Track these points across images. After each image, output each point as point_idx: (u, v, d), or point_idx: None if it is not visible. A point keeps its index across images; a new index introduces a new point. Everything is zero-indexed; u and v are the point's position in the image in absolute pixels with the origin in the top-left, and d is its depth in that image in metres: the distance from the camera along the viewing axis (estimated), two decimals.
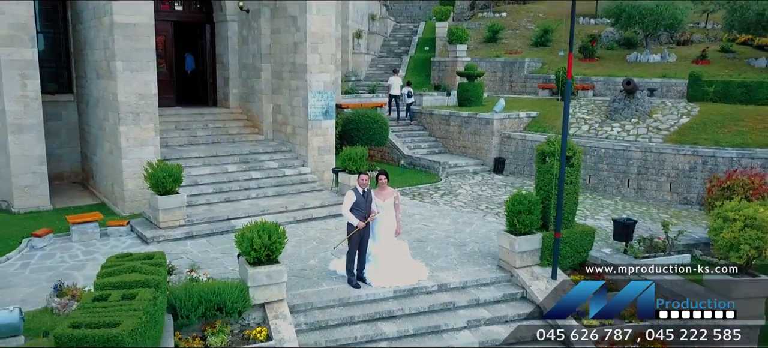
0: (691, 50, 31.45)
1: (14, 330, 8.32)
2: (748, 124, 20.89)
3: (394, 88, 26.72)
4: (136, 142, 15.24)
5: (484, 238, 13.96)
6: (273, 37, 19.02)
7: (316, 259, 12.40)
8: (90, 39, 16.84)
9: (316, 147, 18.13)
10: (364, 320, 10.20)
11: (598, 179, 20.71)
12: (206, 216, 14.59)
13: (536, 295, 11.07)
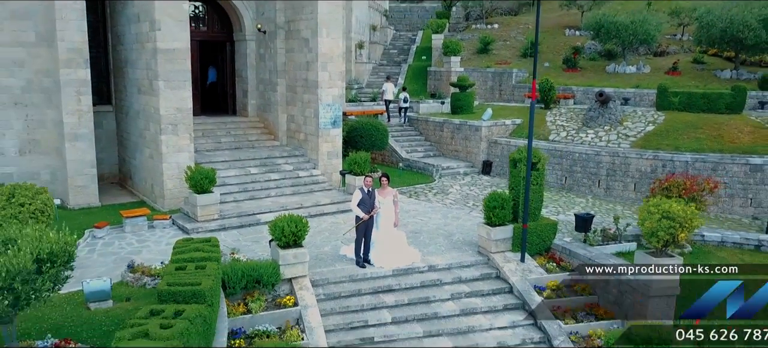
0: (665, 61, 34.00)
1: (105, 295, 10.93)
2: (705, 131, 23.52)
3: (387, 94, 29.49)
4: (174, 148, 17.84)
5: (468, 230, 16.53)
6: (287, 56, 21.61)
7: (329, 246, 14.98)
8: (132, 60, 19.43)
9: (325, 152, 20.73)
10: (369, 292, 12.79)
11: (573, 180, 23.31)
12: (235, 211, 17.20)
13: (508, 274, 13.64)
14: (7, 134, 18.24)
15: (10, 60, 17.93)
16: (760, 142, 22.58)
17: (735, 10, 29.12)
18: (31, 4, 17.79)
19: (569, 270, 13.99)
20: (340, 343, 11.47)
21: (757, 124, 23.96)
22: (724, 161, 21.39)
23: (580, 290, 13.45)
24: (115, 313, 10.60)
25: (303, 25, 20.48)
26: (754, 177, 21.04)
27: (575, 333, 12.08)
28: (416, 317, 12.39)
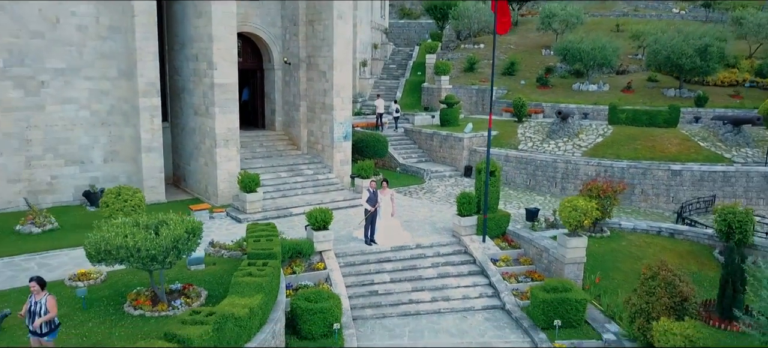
0: (624, 79, 39.34)
1: (200, 261, 16.21)
2: (642, 142, 28.86)
3: (379, 108, 34.95)
4: (225, 158, 23.15)
5: (447, 220, 21.77)
6: (308, 84, 26.93)
7: (344, 231, 20.24)
8: (188, 88, 24.73)
9: (338, 160, 26.04)
10: (374, 261, 18.09)
11: (535, 181, 28.65)
12: (272, 206, 22.51)
13: (472, 251, 18.92)
14: (95, 147, 23.55)
15: (99, 90, 23.23)
16: (684, 152, 27.97)
17: (676, 40, 34.42)
18: (116, 47, 23.09)
19: (517, 248, 19.33)
20: (356, 294, 16.78)
21: (685, 136, 29.34)
22: (652, 167, 26.76)
23: (523, 261, 18.76)
24: (208, 272, 15.87)
25: (321, 60, 25.79)
26: (675, 180, 26.42)
27: (516, 289, 17.35)
28: (407, 278, 17.69)
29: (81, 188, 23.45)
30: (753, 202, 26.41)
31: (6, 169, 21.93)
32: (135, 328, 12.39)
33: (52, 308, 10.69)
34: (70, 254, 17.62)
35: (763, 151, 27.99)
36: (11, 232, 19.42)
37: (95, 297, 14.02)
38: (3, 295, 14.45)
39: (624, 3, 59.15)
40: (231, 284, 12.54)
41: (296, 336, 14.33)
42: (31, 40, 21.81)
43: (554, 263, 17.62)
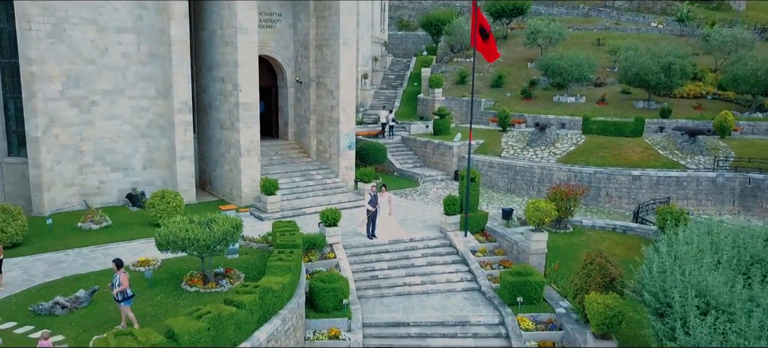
0: (601, 91, 43.04)
1: (235, 251, 19.93)
2: (609, 151, 32.60)
3: (382, 119, 38.70)
4: (248, 166, 26.90)
5: (437, 218, 25.48)
6: (317, 100, 30.67)
7: (350, 227, 23.94)
8: (215, 105, 28.48)
9: (344, 166, 29.77)
10: (375, 252, 21.84)
11: (515, 185, 32.40)
12: (289, 206, 26.26)
13: (456, 243, 22.64)
14: (136, 156, 27.30)
15: (139, 107, 26.97)
16: (645, 159, 31.74)
17: (644, 59, 38.16)
18: (155, 71, 26.84)
19: (493, 241, 23.08)
20: (360, 277, 20.53)
21: (647, 145, 33.10)
22: (616, 173, 30.54)
23: (498, 252, 22.52)
24: (242, 260, 19.57)
25: (329, 80, 29.55)
26: (635, 184, 30.18)
27: (491, 275, 21.07)
28: (401, 266, 21.44)
29: (124, 191, 27.22)
30: (702, 204, 30.22)
31: (63, 176, 25.67)
32: (194, 300, 16.13)
33: (124, 282, 14.42)
34: (127, 246, 21.34)
35: (713, 158, 31.72)
36: (74, 228, 23.17)
37: (156, 278, 17.73)
38: (83, 277, 18.18)
39: (607, 18, 62.84)
40: (267, 267, 16.32)
41: (313, 309, 18.09)
42: (85, 67, 25.56)
43: (522, 254, 21.37)
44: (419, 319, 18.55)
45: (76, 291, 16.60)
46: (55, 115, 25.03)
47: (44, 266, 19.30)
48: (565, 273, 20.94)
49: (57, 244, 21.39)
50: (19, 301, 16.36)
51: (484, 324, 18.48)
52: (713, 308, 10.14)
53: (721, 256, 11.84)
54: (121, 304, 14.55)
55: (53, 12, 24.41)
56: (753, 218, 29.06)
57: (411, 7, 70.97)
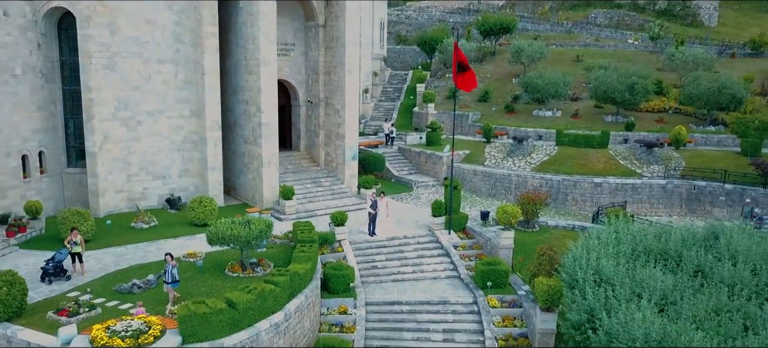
0: (576, 106, 47.69)
1: (263, 246, 24.63)
2: (577, 161, 37.31)
3: (386, 130, 43.37)
4: (268, 175, 31.60)
5: (426, 219, 30.13)
6: (325, 117, 35.38)
7: (354, 227, 28.58)
8: (240, 123, 33.18)
9: (348, 174, 34.47)
10: (375, 247, 26.57)
11: (496, 190, 37.10)
12: (303, 209, 30.97)
13: (441, 240, 27.35)
14: (173, 166, 31.97)
15: (176, 126, 31.64)
16: (607, 168, 36.45)
17: (611, 79, 42.86)
18: (189, 95, 31.52)
19: (472, 238, 27.79)
20: (363, 267, 25.22)
21: (610, 156, 37.83)
22: (580, 180, 35.27)
23: (475, 247, 27.23)
24: (269, 252, 24.20)
25: (336, 101, 34.26)
26: (597, 190, 34.91)
27: (468, 265, 25.74)
28: (396, 258, 26.14)
29: (163, 196, 31.91)
30: (654, 207, 34.94)
31: (114, 183, 30.36)
32: (236, 282, 20.81)
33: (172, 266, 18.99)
34: (173, 242, 26.02)
35: (665, 167, 36.44)
36: (128, 228, 27.88)
37: (204, 267, 22.44)
38: (145, 266, 22.85)
39: (588, 34, 67.49)
40: (292, 257, 21.08)
41: (327, 291, 22.80)
42: (132, 92, 30.25)
43: (494, 248, 26.09)
44: (410, 299, 23.25)
45: (140, 277, 21.30)
46: (108, 133, 29.71)
47: (112, 258, 24.01)
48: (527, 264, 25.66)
49: (118, 240, 26.11)
50: (102, 284, 21.06)
51: (461, 303, 23.18)
52: (603, 281, 14.75)
53: (620, 248, 16.49)
54: (170, 285, 19.19)
55: (108, 48, 29.10)
56: (696, 219, 33.82)
57: (408, 23, 75.57)
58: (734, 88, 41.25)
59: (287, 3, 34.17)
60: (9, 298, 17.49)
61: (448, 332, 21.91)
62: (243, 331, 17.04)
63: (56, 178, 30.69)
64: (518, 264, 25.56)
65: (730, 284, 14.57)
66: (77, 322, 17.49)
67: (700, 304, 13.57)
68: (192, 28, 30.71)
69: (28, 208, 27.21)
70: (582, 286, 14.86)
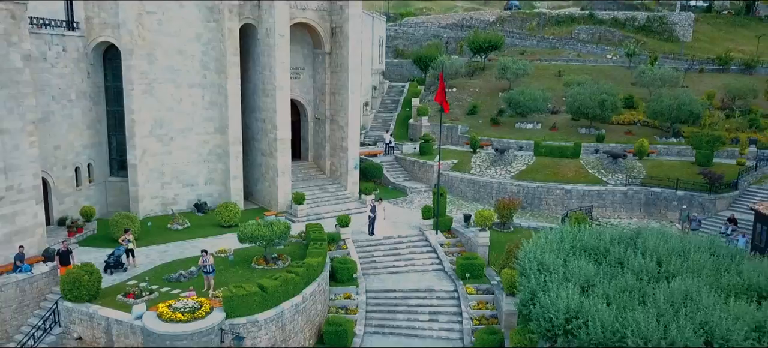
0: (555, 118, 52.34)
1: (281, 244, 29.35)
2: (551, 169, 42.02)
3: (386, 140, 48.09)
4: (282, 183, 36.31)
5: (418, 221, 34.82)
6: (331, 132, 40.10)
7: (356, 228, 33.25)
8: (257, 138, 37.88)
9: (351, 182, 39.17)
10: (373, 245, 31.26)
11: (479, 196, 41.79)
12: (312, 212, 35.66)
13: (429, 239, 32.04)
14: (200, 176, 36.65)
15: (203, 141, 36.32)
16: (577, 176, 41.17)
17: (583, 96, 47.54)
18: (214, 114, 36.19)
19: (455, 237, 32.49)
20: (363, 262, 29.90)
21: (581, 165, 42.53)
22: (553, 187, 39.97)
23: (458, 245, 31.92)
24: (286, 249, 28.86)
25: (340, 118, 38.96)
26: (567, 196, 39.63)
27: (452, 260, 30.40)
28: (392, 254, 30.84)
29: (192, 201, 36.58)
30: (617, 211, 39.64)
31: (151, 190, 35.03)
32: (262, 273, 25.47)
33: (208, 260, 23.69)
34: (205, 241, 30.63)
35: (628, 176, 41.15)
36: (166, 228, 32.55)
37: (237, 260, 27.11)
38: (185, 260, 27.52)
39: (570, 50, 72.18)
40: (307, 253, 25.81)
41: (334, 281, 27.49)
42: (166, 113, 34.92)
43: (473, 246, 30.77)
44: (402, 288, 27.95)
45: (184, 269, 26.00)
46: (146, 148, 34.40)
47: (157, 253, 28.72)
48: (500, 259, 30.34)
49: (158, 239, 30.83)
50: (153, 274, 25.75)
51: (444, 291, 27.87)
52: (544, 270, 19.39)
53: (562, 245, 21.14)
54: (209, 274, 23.88)
55: (147, 75, 33.79)
56: (652, 221, 38.50)
57: (405, 37, 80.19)
58: (692, 105, 45.95)
59: (298, 33, 38.85)
60: (89, 284, 22.23)
61: (432, 314, 26.61)
62: (271, 310, 21.77)
63: (101, 186, 35.39)
64: (493, 258, 30.24)
65: (638, 272, 19.25)
66: (141, 302, 22.22)
67: (612, 286, 18.21)
68: (217, 57, 35.39)
69: (83, 212, 31.92)
70: (528, 273, 19.50)
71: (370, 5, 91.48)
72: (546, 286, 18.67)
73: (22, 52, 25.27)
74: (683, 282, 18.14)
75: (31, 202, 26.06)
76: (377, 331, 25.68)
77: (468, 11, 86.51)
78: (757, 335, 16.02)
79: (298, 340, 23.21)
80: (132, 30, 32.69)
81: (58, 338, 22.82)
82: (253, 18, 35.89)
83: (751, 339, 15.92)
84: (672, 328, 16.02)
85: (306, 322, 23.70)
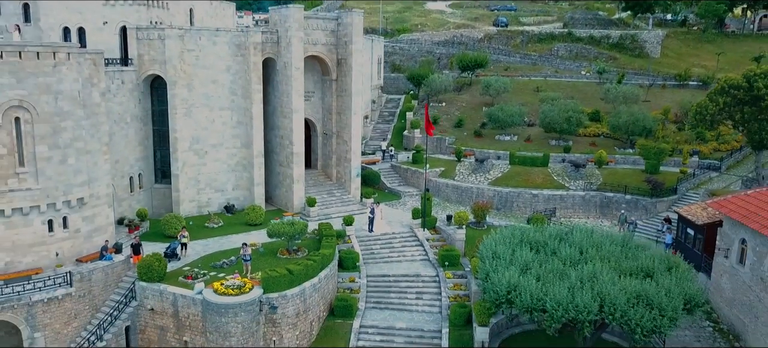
0: (530, 131, 59.16)
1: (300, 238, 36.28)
2: (523, 177, 48.92)
3: (383, 147, 55.01)
4: (297, 189, 43.19)
5: (409, 220, 41.69)
6: (337, 145, 47.00)
7: (358, 226, 40.12)
8: (276, 151, 44.78)
9: (353, 187, 46.06)
10: (372, 240, 38.12)
11: (462, 199, 48.68)
12: (322, 213, 42.52)
13: (418, 235, 38.91)
14: (228, 183, 43.52)
15: (231, 154, 43.17)
16: (544, 183, 48.04)
17: (552, 113, 54.41)
18: (240, 132, 43.04)
19: (439, 234, 39.39)
20: (364, 253, 36.77)
21: (548, 173, 49.45)
22: (523, 192, 46.87)
23: (441, 240, 38.82)
24: (304, 242, 35.63)
25: (344, 134, 45.84)
26: (534, 200, 46.55)
27: (435, 252, 37.30)
28: (387, 247, 37.71)
29: (222, 204, 43.44)
30: (576, 212, 46.52)
31: (188, 195, 41.89)
32: (285, 261, 32.29)
33: (247, 251, 30.63)
34: (237, 237, 37.44)
35: (587, 182, 48.04)
36: (204, 226, 39.41)
37: (265, 252, 33.99)
38: (224, 251, 34.37)
39: (550, 66, 78.98)
40: (321, 245, 32.73)
41: (341, 268, 34.40)
42: (202, 131, 41.77)
43: (453, 241, 37.62)
44: (395, 273, 34.85)
45: (224, 258, 32.85)
46: (186, 160, 41.27)
47: (200, 247, 35.57)
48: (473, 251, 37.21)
49: (199, 235, 37.66)
50: (201, 262, 32.60)
51: (428, 276, 34.75)
52: (496, 257, 26.23)
53: (513, 239, 28.01)
54: (247, 261, 30.77)
55: (186, 101, 40.61)
56: (605, 221, 45.38)
57: (402, 54, 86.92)
58: (645, 121, 52.87)
59: (310, 63, 45.69)
60: (159, 268, 29.15)
61: (418, 293, 33.54)
62: (296, 287, 28.70)
63: (148, 192, 42.27)
64: (468, 251, 37.15)
65: (564, 259, 26.11)
66: (200, 282, 29.15)
67: (542, 269, 25.06)
68: (243, 85, 42.23)
69: (138, 213, 38.79)
70: (485, 260, 26.38)
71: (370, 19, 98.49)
72: (496, 269, 25.58)
73: (100, 90, 32.21)
74: (592, 265, 25.07)
75: (104, 206, 32.98)
76: (375, 306, 32.62)
77: (459, 28, 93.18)
78: (636, 300, 22.95)
79: (316, 311, 30.17)
80: (176, 65, 39.57)
81: (135, 309, 29.75)
82: (273, 53, 42.77)
83: (631, 302, 22.86)
84: (578, 296, 22.95)
85: (321, 298, 30.64)
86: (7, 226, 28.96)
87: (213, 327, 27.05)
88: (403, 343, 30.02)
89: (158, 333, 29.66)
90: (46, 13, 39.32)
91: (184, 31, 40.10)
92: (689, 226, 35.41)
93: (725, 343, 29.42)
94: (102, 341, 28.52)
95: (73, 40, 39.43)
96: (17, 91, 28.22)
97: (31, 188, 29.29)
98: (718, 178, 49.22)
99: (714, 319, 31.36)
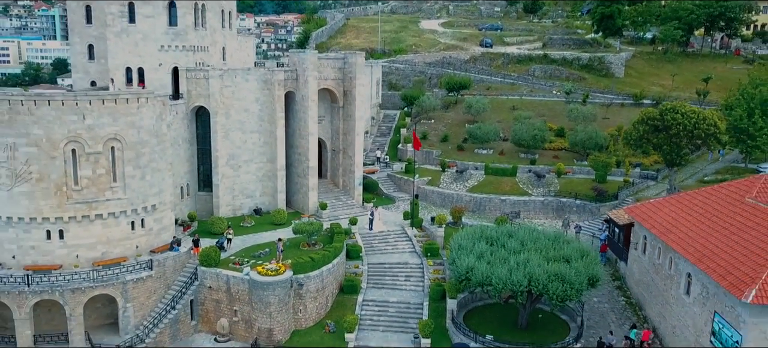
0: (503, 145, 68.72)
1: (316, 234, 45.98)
2: (494, 185, 58.63)
3: (379, 156, 64.69)
4: (312, 195, 52.77)
5: (401, 221, 51.27)
6: (343, 159, 56.60)
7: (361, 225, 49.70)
8: (294, 165, 54.38)
9: (357, 194, 55.65)
10: (372, 236, 47.74)
11: (445, 203, 58.29)
12: (331, 215, 52.02)
13: (408, 232, 48.54)
14: (257, 190, 53.07)
15: (259, 167, 52.71)
16: (511, 190, 57.72)
17: (522, 130, 64.03)
18: (266, 150, 52.57)
19: (424, 231, 49.03)
20: (365, 246, 46.37)
21: (515, 182, 59.16)
22: (494, 198, 56.58)
23: (426, 237, 48.44)
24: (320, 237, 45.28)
25: (350, 150, 55.44)
26: (503, 204, 56.26)
27: (420, 245, 46.92)
28: (383, 242, 47.34)
29: (251, 208, 52.98)
30: (537, 215, 56.15)
31: (225, 201, 51.42)
32: (307, 252, 41.78)
33: (281, 244, 40.25)
34: (267, 234, 46.98)
35: (547, 190, 57.65)
36: (240, 226, 48.98)
37: (290, 245, 43.57)
38: (260, 244, 43.97)
39: (526, 85, 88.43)
40: (333, 240, 42.40)
41: (348, 257, 44.05)
42: (236, 149, 51.34)
43: (434, 237, 47.24)
44: (390, 261, 44.50)
45: (260, 250, 42.44)
46: (224, 173, 50.85)
47: (239, 241, 45.14)
48: None
49: (237, 232, 47.23)
50: (243, 253, 42.15)
51: (414, 264, 44.40)
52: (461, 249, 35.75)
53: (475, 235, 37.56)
54: (281, 252, 40.38)
55: (225, 126, 50.17)
56: (559, 222, 54.98)
57: (398, 73, 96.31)
58: (598, 138, 62.48)
59: (321, 93, 55.19)
60: (215, 257, 38.80)
61: (407, 277, 43.22)
62: (316, 270, 38.38)
63: (193, 198, 51.86)
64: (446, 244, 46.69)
65: (510, 250, 35.69)
66: (246, 267, 38.83)
67: (492, 256, 34.65)
68: (269, 113, 51.75)
69: (189, 216, 48.37)
70: (452, 251, 36.01)
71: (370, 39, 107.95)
72: (460, 256, 35.26)
73: (166, 122, 41.82)
74: (528, 254, 34.74)
75: (168, 210, 42.60)
76: (374, 286, 42.29)
77: (448, 50, 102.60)
78: (554, 277, 32.63)
79: (330, 288, 39.86)
80: (217, 98, 49.17)
81: (197, 287, 39.39)
82: (293, 87, 52.37)
83: (552, 281, 32.53)
84: (514, 275, 32.64)
85: (334, 279, 40.32)
86: (104, 226, 38.55)
87: (257, 299, 36.71)
88: (395, 312, 39.68)
89: (214, 304, 39.28)
90: (112, 55, 48.94)
91: (223, 71, 49.72)
92: (616, 226, 45.07)
93: (631, 313, 39.15)
94: (174, 310, 38.16)
95: (134, 78, 49.09)
96: (113, 127, 37.80)
97: (121, 198, 38.88)
98: (654, 186, 58.79)
99: (627, 295, 41.12)
